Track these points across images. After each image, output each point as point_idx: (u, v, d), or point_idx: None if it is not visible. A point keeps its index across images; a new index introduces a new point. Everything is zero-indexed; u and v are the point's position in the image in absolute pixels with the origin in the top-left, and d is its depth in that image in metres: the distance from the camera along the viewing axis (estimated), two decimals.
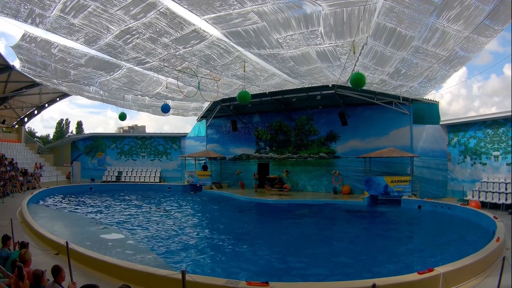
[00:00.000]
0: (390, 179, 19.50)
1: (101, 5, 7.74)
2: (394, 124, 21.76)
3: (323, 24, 8.30)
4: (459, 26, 8.16)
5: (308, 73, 12.59)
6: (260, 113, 27.31)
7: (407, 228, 14.50)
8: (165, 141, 32.02)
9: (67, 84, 15.93)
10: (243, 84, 13.66)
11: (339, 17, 7.86)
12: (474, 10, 7.43)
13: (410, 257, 10.08)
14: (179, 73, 12.51)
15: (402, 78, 12.19)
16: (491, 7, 7.37)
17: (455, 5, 7.31)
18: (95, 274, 7.38)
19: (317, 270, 9.04)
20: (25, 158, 29.29)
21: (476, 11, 7.49)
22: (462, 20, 7.85)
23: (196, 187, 26.62)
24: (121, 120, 17.82)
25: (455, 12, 7.53)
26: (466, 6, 7.32)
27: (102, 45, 10.03)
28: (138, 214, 16.88)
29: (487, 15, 7.66)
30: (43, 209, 17.77)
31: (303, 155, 25.35)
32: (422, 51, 9.68)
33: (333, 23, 8.22)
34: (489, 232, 11.00)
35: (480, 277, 7.00)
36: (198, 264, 9.28)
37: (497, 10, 7.46)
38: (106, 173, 31.33)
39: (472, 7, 7.33)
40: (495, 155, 17.62)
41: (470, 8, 7.37)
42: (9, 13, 8.24)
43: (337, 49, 9.71)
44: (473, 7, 7.31)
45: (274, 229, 14.56)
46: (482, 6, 7.32)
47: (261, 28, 8.61)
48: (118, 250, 10.47)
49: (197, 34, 9.27)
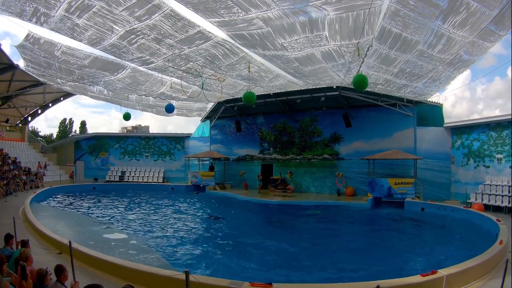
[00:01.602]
0: (394, 181, 19.44)
1: (106, 5, 7.77)
2: (398, 126, 21.68)
3: (328, 28, 8.30)
4: (465, 32, 8.13)
5: (312, 73, 12.58)
6: (264, 114, 27.28)
7: (410, 230, 14.44)
8: (169, 141, 32.05)
9: (71, 84, 16.01)
10: (248, 85, 13.66)
11: (344, 21, 7.86)
12: (480, 16, 7.41)
13: (413, 259, 10.05)
14: (183, 73, 12.54)
15: (407, 77, 12.16)
16: (497, 12, 7.34)
17: (461, 10, 7.28)
18: (98, 273, 7.39)
19: (320, 272, 9.01)
20: (28, 157, 29.39)
21: (482, 17, 7.47)
22: (468, 26, 7.83)
23: (199, 188, 26.60)
24: (126, 120, 17.84)
25: (460, 18, 7.50)
26: (472, 12, 7.29)
27: (107, 45, 10.07)
28: (141, 214, 16.90)
29: (492, 19, 7.64)
30: (46, 208, 17.83)
31: (307, 157, 25.32)
32: (427, 55, 9.68)
33: (338, 27, 8.22)
34: (492, 235, 10.95)
35: (483, 279, 6.98)
36: (202, 265, 9.27)
37: (502, 16, 7.44)
38: (110, 173, 31.38)
39: (478, 13, 7.31)
40: (499, 158, 17.53)
41: (476, 14, 7.35)
42: (14, 12, 8.29)
43: (342, 49, 9.69)
44: (479, 13, 7.29)
45: (278, 230, 14.55)
46: (488, 12, 7.29)
47: (265, 33, 8.60)
48: (121, 250, 10.49)
49: (202, 35, 9.30)
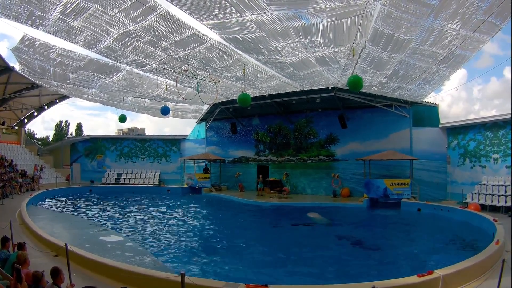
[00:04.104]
0: (390, 182, 19.49)
1: (101, 7, 7.77)
2: (393, 127, 21.74)
3: (322, 36, 8.35)
4: (456, 25, 8.16)
5: (307, 77, 12.61)
6: (259, 116, 27.31)
7: (407, 230, 14.45)
8: (165, 143, 31.99)
9: (66, 86, 15.95)
10: (243, 86, 13.67)
11: (339, 29, 7.92)
12: (469, 6, 7.44)
13: (409, 259, 10.07)
14: (178, 75, 12.53)
15: (400, 80, 12.22)
16: (487, 5, 7.39)
17: (451, 4, 7.33)
18: (94, 276, 7.36)
19: (316, 272, 9.02)
20: (24, 159, 29.26)
21: (472, 8, 7.49)
22: (459, 17, 7.85)
23: (195, 190, 26.57)
24: (121, 122, 17.75)
25: (451, 10, 7.54)
26: (461, 3, 7.33)
27: (102, 47, 10.06)
28: (137, 217, 16.84)
29: (483, 11, 7.67)
30: (43, 211, 17.73)
31: (303, 158, 25.33)
32: (420, 51, 9.71)
33: (332, 36, 8.28)
34: (488, 235, 10.98)
35: (480, 279, 6.98)
36: (197, 267, 9.25)
37: (491, 6, 7.46)
38: (106, 175, 31.26)
39: (467, 3, 7.33)
40: (495, 158, 17.62)
41: (466, 4, 7.37)
42: (9, 14, 8.27)
43: (336, 54, 9.75)
44: (468, 3, 7.32)
45: (273, 232, 14.53)
46: (478, 3, 7.33)
47: (259, 37, 8.63)
48: (117, 252, 10.44)
49: (197, 37, 9.30)
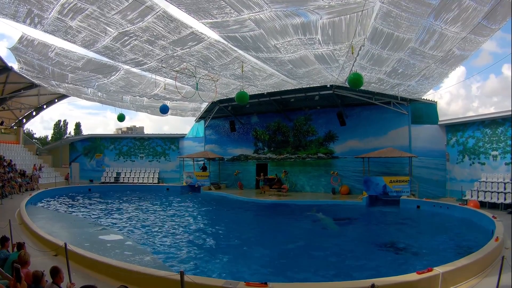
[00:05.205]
0: (389, 179, 19.52)
1: (98, 8, 7.74)
2: (392, 124, 21.75)
3: (321, 33, 8.32)
4: (457, 28, 8.17)
5: (306, 75, 12.60)
6: (258, 114, 27.27)
7: (406, 228, 14.48)
8: (164, 142, 31.96)
9: (65, 86, 15.92)
10: (241, 84, 13.65)
11: (337, 26, 7.89)
12: (472, 11, 7.45)
13: (409, 256, 10.08)
14: (177, 73, 12.51)
15: (399, 77, 12.23)
16: (488, 8, 7.39)
17: (453, 7, 7.31)
18: (93, 275, 7.36)
19: (316, 270, 9.03)
20: (23, 159, 29.20)
21: (474, 13, 7.51)
22: (460, 22, 7.87)
23: (194, 188, 26.55)
24: (120, 121, 17.65)
25: (453, 14, 7.54)
26: (464, 8, 7.33)
27: (100, 47, 10.03)
28: (136, 215, 16.84)
29: (485, 16, 7.68)
30: (42, 211, 17.72)
31: (302, 156, 25.34)
32: (419, 53, 9.72)
33: (331, 33, 8.25)
34: (488, 232, 10.97)
35: (479, 276, 6.99)
36: (197, 265, 9.25)
37: (494, 11, 7.49)
38: (105, 174, 31.27)
39: (470, 9, 7.35)
40: (494, 155, 17.64)
41: (468, 10, 7.39)
42: (7, 13, 8.24)
43: (335, 52, 9.74)
44: (471, 9, 7.33)
45: (273, 229, 14.53)
46: (480, 7, 7.33)
47: (258, 35, 8.60)
48: (116, 251, 10.44)
49: (195, 36, 9.28)
